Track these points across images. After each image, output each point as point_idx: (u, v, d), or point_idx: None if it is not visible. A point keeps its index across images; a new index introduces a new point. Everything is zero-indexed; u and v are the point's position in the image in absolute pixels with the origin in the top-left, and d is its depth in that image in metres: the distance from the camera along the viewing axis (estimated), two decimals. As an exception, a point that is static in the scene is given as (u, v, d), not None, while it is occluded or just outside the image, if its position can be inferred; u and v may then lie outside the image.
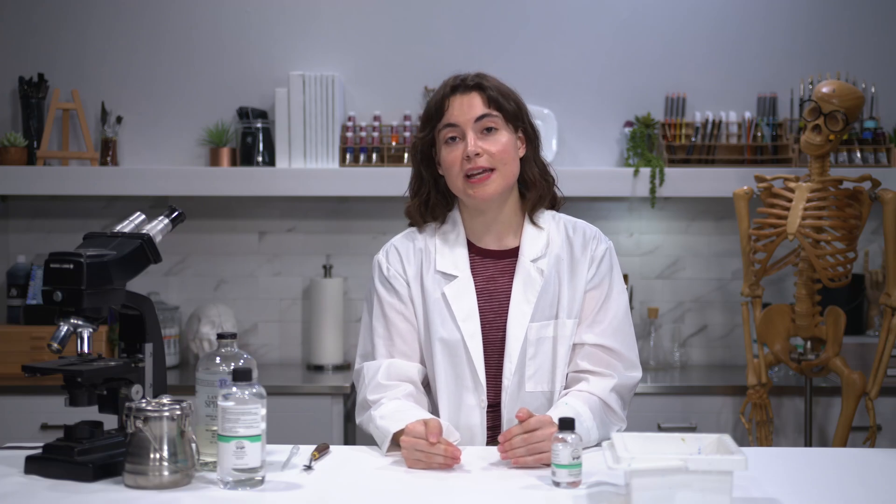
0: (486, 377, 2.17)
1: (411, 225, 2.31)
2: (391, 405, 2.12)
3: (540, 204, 2.26)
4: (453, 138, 2.17)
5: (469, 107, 2.17)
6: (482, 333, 2.18)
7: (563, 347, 2.19)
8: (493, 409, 2.19)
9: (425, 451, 1.94)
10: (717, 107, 3.91)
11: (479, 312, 2.19)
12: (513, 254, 2.24)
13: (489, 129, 2.17)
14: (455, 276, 2.21)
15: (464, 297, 2.19)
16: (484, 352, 2.18)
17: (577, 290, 2.21)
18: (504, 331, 2.18)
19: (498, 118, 2.18)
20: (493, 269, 2.23)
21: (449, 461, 1.94)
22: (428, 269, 2.23)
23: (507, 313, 2.19)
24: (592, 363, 2.19)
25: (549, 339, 2.19)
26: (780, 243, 3.30)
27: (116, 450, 1.90)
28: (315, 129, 3.80)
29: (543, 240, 2.24)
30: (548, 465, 1.92)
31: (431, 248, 2.24)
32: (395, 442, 2.04)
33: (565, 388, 2.21)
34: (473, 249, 2.25)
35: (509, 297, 2.20)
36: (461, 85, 2.19)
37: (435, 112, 2.20)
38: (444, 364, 2.18)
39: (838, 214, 3.22)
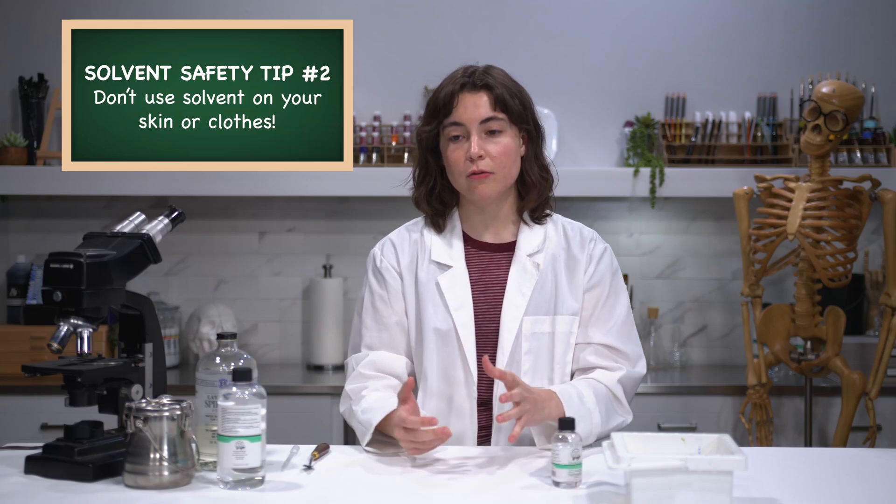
0: (478, 369, 2.16)
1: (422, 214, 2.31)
2: (372, 397, 2.12)
3: (543, 206, 2.26)
4: (457, 137, 2.17)
5: (475, 107, 2.16)
6: (476, 325, 2.18)
7: (562, 345, 2.19)
8: (485, 407, 2.18)
9: (414, 439, 1.95)
10: (717, 107, 3.91)
11: (473, 303, 2.19)
12: (509, 248, 2.24)
13: (493, 132, 2.16)
14: (449, 266, 2.21)
15: (457, 287, 2.19)
16: (477, 344, 2.17)
17: (576, 289, 2.22)
18: (498, 322, 2.18)
19: (503, 120, 2.17)
20: (489, 261, 2.23)
21: (439, 438, 1.95)
22: (423, 260, 2.23)
23: (501, 305, 2.18)
24: (600, 358, 2.19)
25: (546, 335, 2.18)
26: (780, 243, 3.30)
27: (116, 450, 1.90)
28: (315, 129, 3.80)
29: (540, 236, 2.24)
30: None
31: (428, 239, 2.25)
32: (376, 434, 2.07)
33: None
34: (470, 242, 2.25)
35: (504, 289, 2.20)
36: (469, 82, 2.18)
37: (443, 107, 2.18)
38: (434, 355, 2.18)
39: (838, 214, 3.22)
